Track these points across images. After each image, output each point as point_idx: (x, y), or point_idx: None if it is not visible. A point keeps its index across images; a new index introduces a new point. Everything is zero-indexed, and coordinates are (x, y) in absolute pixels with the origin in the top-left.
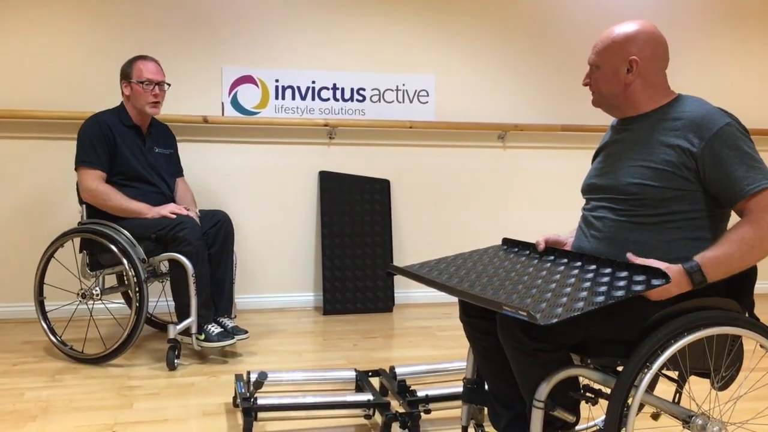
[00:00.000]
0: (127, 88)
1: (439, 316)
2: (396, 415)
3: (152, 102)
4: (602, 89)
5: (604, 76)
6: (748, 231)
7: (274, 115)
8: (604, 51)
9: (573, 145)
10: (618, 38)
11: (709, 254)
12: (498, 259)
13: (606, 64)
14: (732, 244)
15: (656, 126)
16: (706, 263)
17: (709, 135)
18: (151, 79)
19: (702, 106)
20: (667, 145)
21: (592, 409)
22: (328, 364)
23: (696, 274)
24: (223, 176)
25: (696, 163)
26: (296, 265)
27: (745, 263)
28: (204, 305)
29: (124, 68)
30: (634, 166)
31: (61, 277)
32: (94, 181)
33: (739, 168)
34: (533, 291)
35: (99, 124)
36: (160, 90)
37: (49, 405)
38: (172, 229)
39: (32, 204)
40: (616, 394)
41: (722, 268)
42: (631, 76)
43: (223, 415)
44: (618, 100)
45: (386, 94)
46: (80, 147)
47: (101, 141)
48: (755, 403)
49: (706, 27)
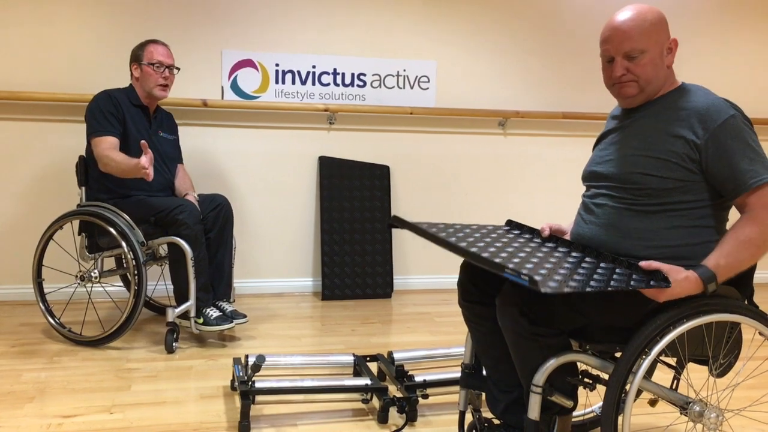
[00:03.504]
0: (137, 70)
1: (437, 302)
2: (393, 400)
3: (161, 84)
4: (650, 74)
5: (652, 59)
6: (753, 231)
7: (274, 99)
8: (647, 34)
9: (574, 133)
10: (655, 20)
11: (723, 261)
12: (500, 235)
13: (653, 47)
14: (741, 247)
15: (661, 115)
16: (721, 272)
17: (714, 126)
18: (162, 62)
19: (707, 96)
20: (671, 135)
21: (590, 395)
22: (326, 349)
23: (711, 284)
24: (223, 160)
25: (699, 154)
26: (295, 250)
27: (752, 263)
28: (203, 289)
29: (135, 51)
30: (637, 155)
31: (59, 260)
32: (108, 149)
33: (741, 161)
34: (534, 260)
35: (110, 97)
36: (169, 73)
37: (46, 386)
38: (171, 212)
39: (31, 186)
40: (614, 380)
41: (733, 272)
42: (671, 57)
43: (221, 398)
44: (659, 84)
45: (387, 80)
46: (92, 117)
47: (112, 112)
48: (752, 391)
49: (703, 16)
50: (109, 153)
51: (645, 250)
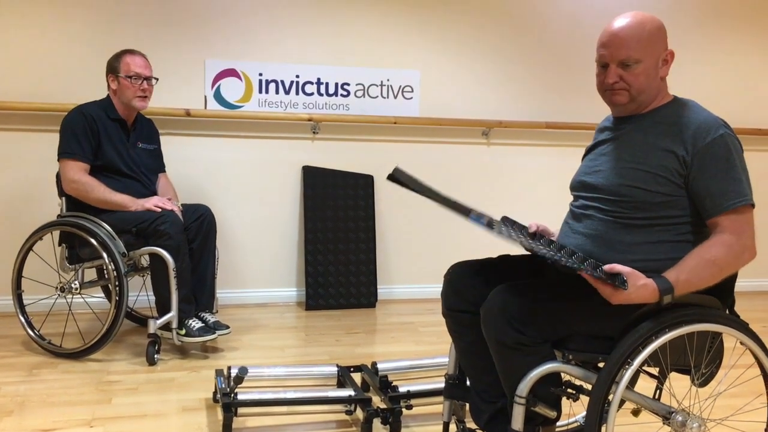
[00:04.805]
0: (114, 83)
1: (421, 312)
2: (377, 411)
3: (140, 96)
4: (642, 84)
5: (646, 70)
6: (719, 252)
7: (257, 109)
8: (644, 44)
9: (557, 143)
10: (653, 30)
11: (683, 277)
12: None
13: (649, 57)
14: (705, 266)
15: (652, 129)
16: (679, 287)
17: (703, 144)
18: (139, 74)
19: (700, 113)
20: (662, 149)
21: (574, 405)
22: (310, 360)
23: (668, 297)
24: (206, 170)
25: (686, 169)
26: (279, 260)
27: (711, 283)
28: (185, 300)
29: (111, 62)
30: (627, 168)
31: (39, 271)
32: (77, 172)
33: (723, 181)
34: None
35: (84, 115)
36: (148, 85)
37: (26, 399)
38: (153, 222)
39: (11, 196)
40: (597, 390)
41: (692, 289)
42: (666, 68)
43: (203, 411)
44: (651, 94)
45: (371, 90)
46: (63, 138)
47: (85, 132)
48: (734, 400)
49: (695, 26)
50: (80, 178)
51: (629, 263)
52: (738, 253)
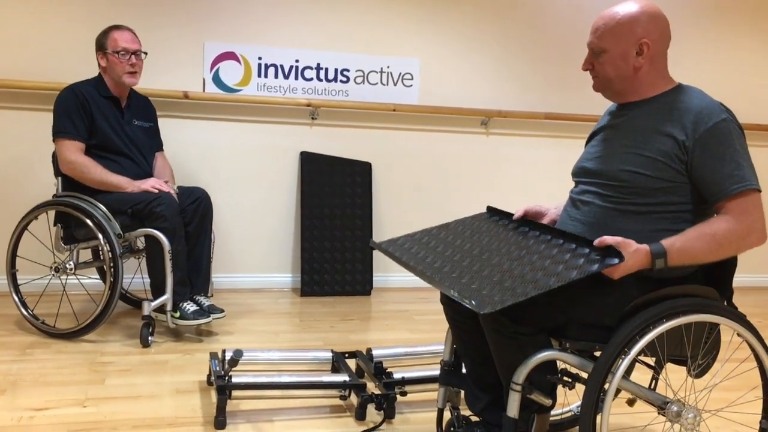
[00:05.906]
0: (103, 60)
1: (416, 300)
2: (371, 397)
3: (129, 72)
4: (609, 74)
5: (612, 60)
6: (721, 227)
7: (256, 93)
8: (609, 33)
9: (556, 134)
10: (624, 20)
11: (678, 245)
12: (474, 231)
13: (614, 48)
14: (702, 238)
15: (654, 114)
16: (673, 253)
17: (704, 129)
18: (127, 48)
19: (701, 98)
20: (663, 134)
21: (569, 393)
22: (304, 345)
23: (660, 260)
24: (203, 153)
25: (687, 155)
26: (275, 245)
27: (709, 259)
28: (180, 282)
29: (98, 39)
30: (627, 153)
31: (34, 250)
32: (73, 152)
33: (726, 165)
34: (485, 272)
35: (75, 94)
36: (137, 59)
37: (18, 379)
38: (149, 204)
39: (6, 175)
40: (593, 379)
41: (686, 260)
42: (642, 59)
43: (197, 393)
44: (624, 85)
45: (370, 76)
46: (57, 117)
47: (78, 111)
48: (730, 393)
49: (695, 21)
50: (76, 158)
51: None
52: (743, 234)
